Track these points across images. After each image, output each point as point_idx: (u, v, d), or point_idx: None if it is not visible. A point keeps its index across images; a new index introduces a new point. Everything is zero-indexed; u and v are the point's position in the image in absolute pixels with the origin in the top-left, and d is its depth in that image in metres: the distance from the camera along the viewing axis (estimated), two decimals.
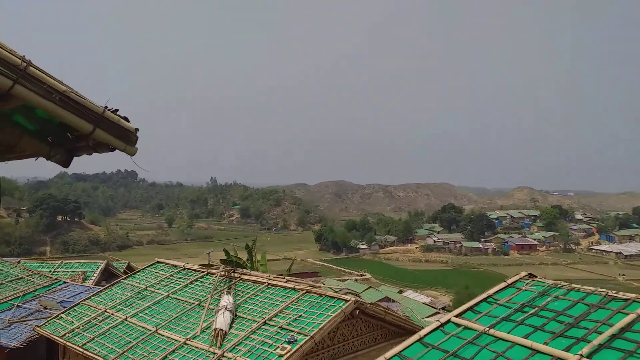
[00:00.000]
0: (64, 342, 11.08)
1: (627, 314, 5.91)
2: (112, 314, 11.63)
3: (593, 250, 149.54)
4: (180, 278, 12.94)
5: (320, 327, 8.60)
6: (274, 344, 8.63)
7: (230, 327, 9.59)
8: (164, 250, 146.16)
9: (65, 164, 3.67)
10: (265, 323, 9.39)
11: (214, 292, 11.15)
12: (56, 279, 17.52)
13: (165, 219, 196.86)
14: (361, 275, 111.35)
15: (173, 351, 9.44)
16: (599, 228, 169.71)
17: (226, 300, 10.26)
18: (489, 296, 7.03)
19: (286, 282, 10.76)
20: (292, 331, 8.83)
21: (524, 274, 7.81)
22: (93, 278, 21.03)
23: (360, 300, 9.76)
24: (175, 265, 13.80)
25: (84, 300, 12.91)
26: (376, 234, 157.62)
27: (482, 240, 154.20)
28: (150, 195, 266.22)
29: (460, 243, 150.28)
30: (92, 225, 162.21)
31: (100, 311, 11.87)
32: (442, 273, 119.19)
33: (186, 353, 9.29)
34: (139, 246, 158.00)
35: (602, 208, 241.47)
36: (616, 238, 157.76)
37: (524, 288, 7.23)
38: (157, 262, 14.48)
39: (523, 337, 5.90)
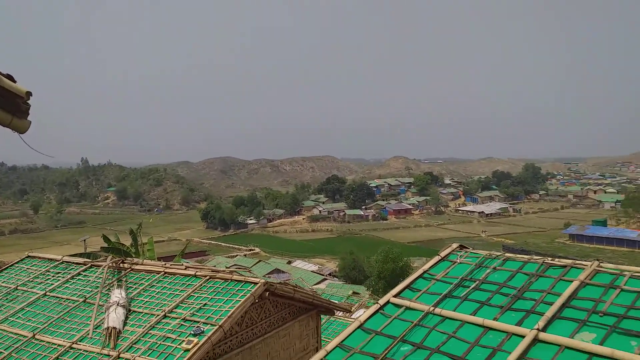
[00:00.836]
0: None
1: (571, 281, 5.82)
2: None
3: (460, 211, 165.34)
4: (59, 273, 11.41)
5: (228, 314, 8.08)
6: (177, 338, 7.91)
7: (125, 324, 8.67)
8: (30, 240, 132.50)
9: None
10: (165, 316, 8.59)
11: (102, 287, 10.00)
12: None
13: (30, 205, 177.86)
14: (250, 250, 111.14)
15: (57, 358, 8.29)
16: (465, 191, 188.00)
17: (117, 294, 9.22)
18: (425, 272, 6.72)
19: (185, 269, 9.99)
20: (198, 322, 8.18)
21: (455, 245, 7.42)
22: None
23: (270, 281, 9.40)
24: (52, 259, 12.17)
25: None
26: (264, 209, 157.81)
27: (363, 207, 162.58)
28: (10, 180, 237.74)
29: (343, 212, 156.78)
30: None
31: None
32: (328, 241, 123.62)
33: (73, 358, 8.22)
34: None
35: (467, 173, 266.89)
36: (479, 199, 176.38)
37: (458, 261, 6.95)
38: (29, 256, 12.66)
39: (471, 315, 5.61)
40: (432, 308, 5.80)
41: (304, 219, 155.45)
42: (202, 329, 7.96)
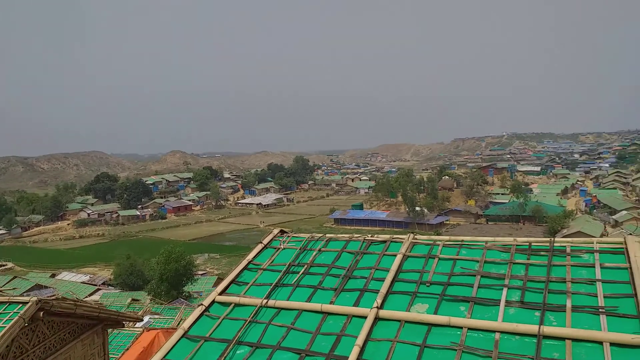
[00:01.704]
0: None
1: (394, 256, 5.89)
2: None
3: (239, 204, 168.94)
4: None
5: None
6: None
7: None
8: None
9: None
10: None
11: None
12: None
13: None
14: (1, 266, 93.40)
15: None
16: (243, 184, 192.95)
17: None
18: (249, 262, 6.14)
19: None
20: None
21: (276, 231, 7.04)
22: None
23: (44, 298, 7.43)
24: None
25: None
26: (17, 215, 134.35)
27: (139, 207, 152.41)
28: None
29: (117, 213, 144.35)
30: None
31: None
32: (100, 247, 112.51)
33: None
34: None
35: (244, 166, 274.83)
36: (257, 191, 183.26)
37: (282, 247, 6.62)
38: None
39: (307, 302, 5.30)
40: (265, 301, 5.31)
41: (69, 224, 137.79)
42: None
